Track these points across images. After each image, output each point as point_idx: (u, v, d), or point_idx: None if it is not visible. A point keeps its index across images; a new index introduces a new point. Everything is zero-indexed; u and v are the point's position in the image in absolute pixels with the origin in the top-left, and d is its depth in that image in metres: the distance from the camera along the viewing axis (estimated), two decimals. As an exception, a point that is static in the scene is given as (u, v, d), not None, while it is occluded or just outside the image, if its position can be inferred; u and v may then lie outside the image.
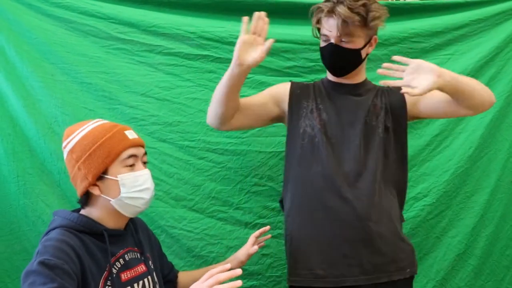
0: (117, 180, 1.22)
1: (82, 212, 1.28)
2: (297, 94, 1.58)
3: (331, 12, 1.43)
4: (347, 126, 1.52)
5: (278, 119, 1.65)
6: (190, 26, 1.79)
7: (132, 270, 1.28)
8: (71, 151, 1.24)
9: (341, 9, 1.39)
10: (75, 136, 1.25)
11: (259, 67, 1.84)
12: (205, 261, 1.79)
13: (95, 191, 1.23)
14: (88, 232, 1.21)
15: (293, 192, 1.54)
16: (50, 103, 1.72)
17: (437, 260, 1.94)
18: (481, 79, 1.94)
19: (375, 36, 1.51)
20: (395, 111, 1.55)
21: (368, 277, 1.45)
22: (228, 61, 1.79)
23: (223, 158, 1.82)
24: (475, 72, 1.94)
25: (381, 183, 1.48)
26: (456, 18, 1.94)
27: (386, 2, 1.88)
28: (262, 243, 1.58)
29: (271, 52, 1.83)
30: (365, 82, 1.60)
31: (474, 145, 1.94)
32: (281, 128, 1.83)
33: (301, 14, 1.84)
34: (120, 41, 1.77)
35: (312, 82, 1.68)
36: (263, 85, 1.84)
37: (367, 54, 1.52)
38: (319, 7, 1.49)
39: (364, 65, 1.58)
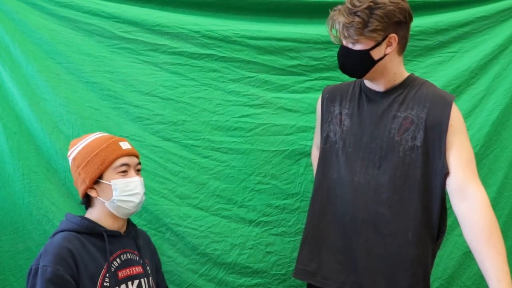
0: (110, 185, 1.39)
1: (86, 214, 1.44)
2: (326, 98, 1.59)
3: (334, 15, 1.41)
4: (366, 137, 1.46)
5: None
6: (194, 25, 1.80)
7: (128, 269, 1.41)
8: (74, 159, 1.43)
9: (339, 14, 1.37)
10: (78, 146, 1.44)
11: (263, 66, 1.86)
12: (210, 258, 1.80)
13: (92, 193, 1.41)
14: (89, 233, 1.37)
15: (313, 193, 1.56)
16: (55, 102, 1.74)
17: (443, 259, 1.91)
18: (486, 77, 1.93)
19: (393, 35, 1.38)
20: (430, 129, 1.40)
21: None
22: (232, 60, 1.83)
23: (227, 157, 1.82)
24: (479, 70, 1.92)
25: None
26: (460, 16, 1.92)
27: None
28: None
29: (274, 51, 1.86)
30: (400, 85, 1.46)
31: (480, 143, 1.92)
32: (285, 127, 1.84)
33: (305, 12, 1.86)
34: (125, 41, 1.78)
35: (353, 81, 1.57)
36: (267, 84, 1.85)
37: (385, 54, 1.40)
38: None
39: (389, 66, 1.43)
